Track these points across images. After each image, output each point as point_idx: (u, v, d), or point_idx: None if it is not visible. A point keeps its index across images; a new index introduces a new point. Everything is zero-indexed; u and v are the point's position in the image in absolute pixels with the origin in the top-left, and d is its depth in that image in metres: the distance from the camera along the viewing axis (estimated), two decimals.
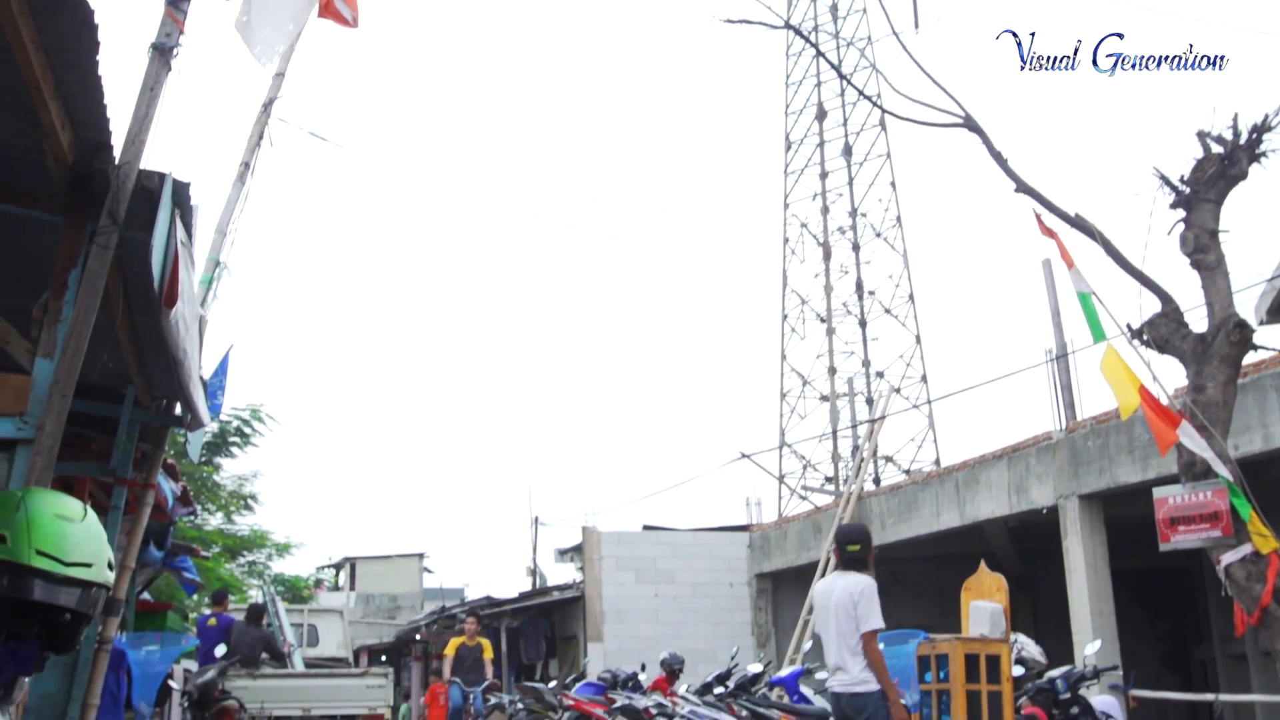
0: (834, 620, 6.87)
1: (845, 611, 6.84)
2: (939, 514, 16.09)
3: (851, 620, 6.79)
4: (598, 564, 21.33)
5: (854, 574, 7.04)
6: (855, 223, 39.63)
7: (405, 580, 44.28)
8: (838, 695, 6.84)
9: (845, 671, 6.80)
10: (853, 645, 6.74)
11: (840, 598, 6.89)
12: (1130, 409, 8.81)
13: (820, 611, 7.04)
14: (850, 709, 6.73)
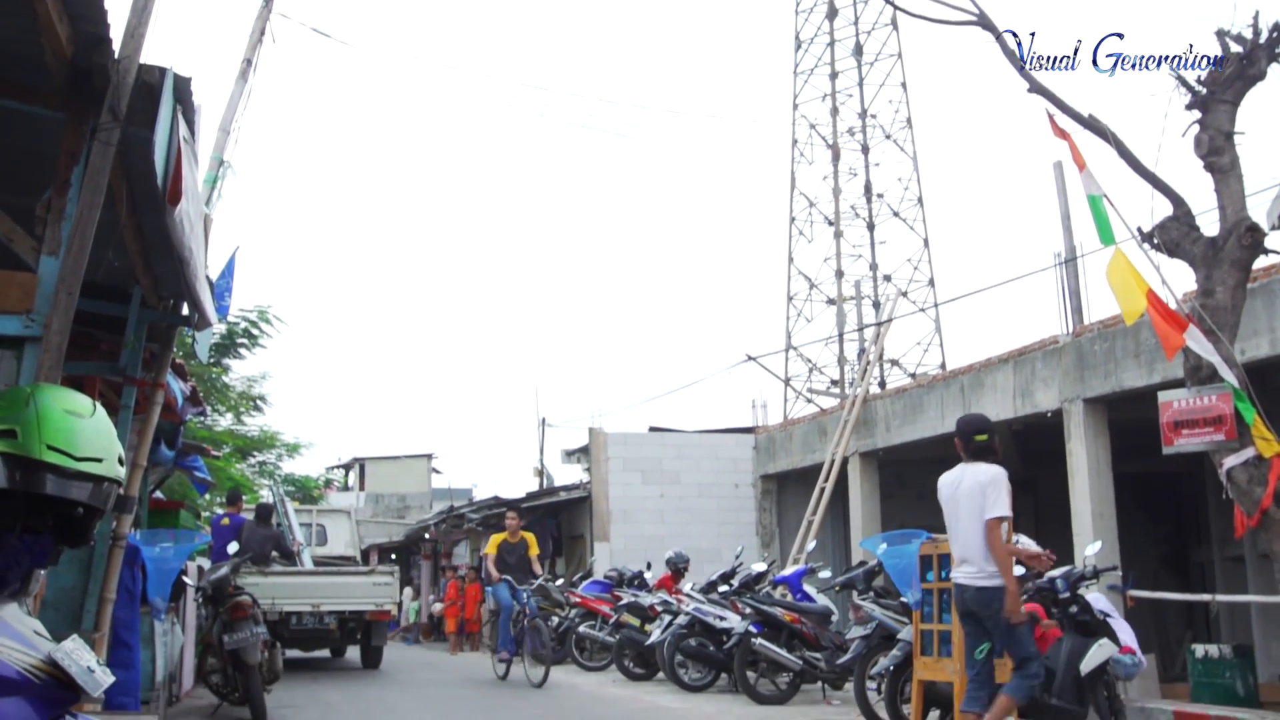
0: (964, 513, 6.71)
1: (974, 501, 6.68)
2: (944, 417, 16.16)
3: (981, 511, 6.64)
4: (604, 465, 21.52)
5: (982, 464, 6.85)
6: (865, 124, 39.18)
7: (414, 480, 44.78)
8: (962, 587, 6.74)
9: (970, 564, 6.68)
10: (983, 537, 6.60)
11: (969, 487, 6.72)
12: (1134, 315, 8.78)
13: (948, 504, 6.88)
14: (976, 603, 6.65)
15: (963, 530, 6.71)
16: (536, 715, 10.77)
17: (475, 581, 24.46)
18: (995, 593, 6.56)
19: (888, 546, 8.64)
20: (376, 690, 13.70)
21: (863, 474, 18.35)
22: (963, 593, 6.71)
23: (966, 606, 6.73)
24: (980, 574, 6.58)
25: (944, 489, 6.96)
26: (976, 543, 6.61)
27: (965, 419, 7.28)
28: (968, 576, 6.66)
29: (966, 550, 6.68)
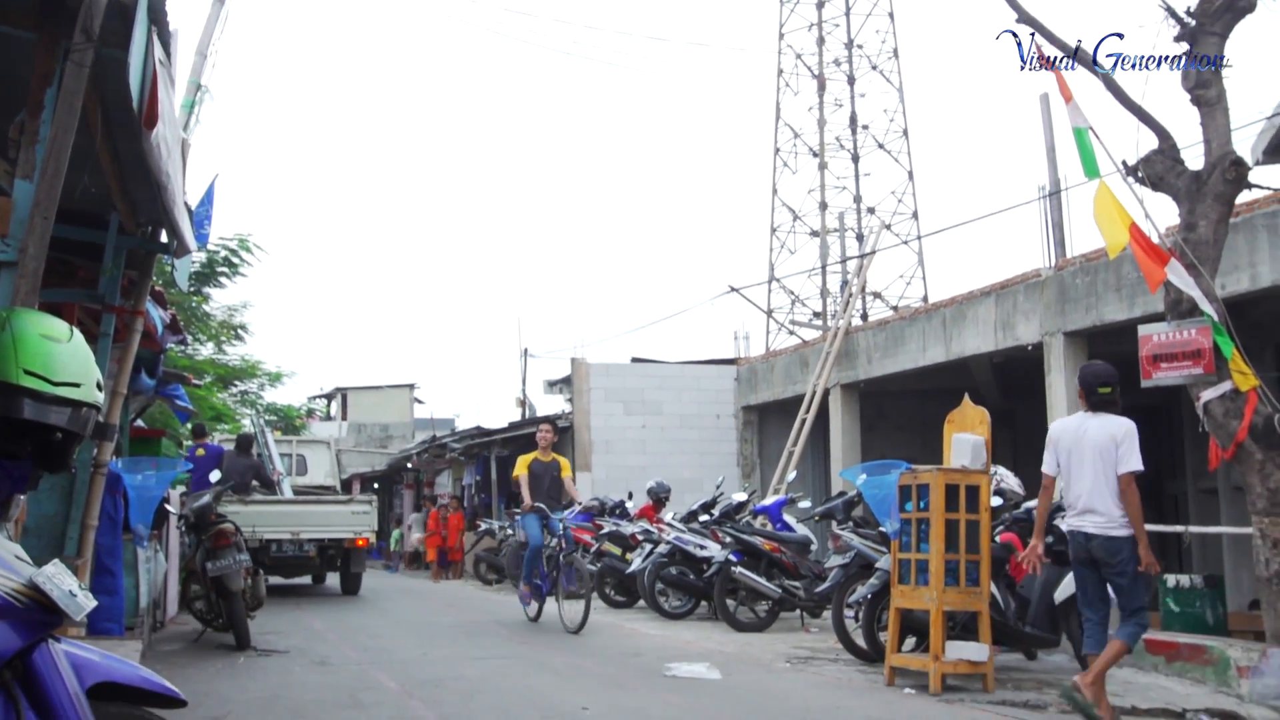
0: (1090, 462, 6.73)
1: (1104, 454, 6.70)
2: (925, 349, 16.22)
3: (1111, 463, 6.67)
4: (586, 395, 21.56)
5: (1110, 415, 6.86)
6: (851, 54, 38.82)
7: (396, 410, 44.82)
8: (1088, 536, 6.76)
9: (1097, 514, 6.70)
10: (1113, 487, 6.65)
11: (1099, 439, 6.73)
12: (1118, 248, 8.78)
13: (1070, 453, 6.88)
14: (1103, 551, 6.68)
15: (1089, 480, 6.74)
16: (517, 641, 10.89)
17: (457, 511, 24.60)
18: (1124, 542, 6.64)
19: (867, 477, 8.69)
20: (359, 617, 13.82)
21: (844, 405, 18.44)
22: (1088, 541, 6.75)
23: (1090, 554, 6.78)
24: (1111, 523, 6.65)
25: (1063, 437, 6.97)
26: (1107, 493, 6.67)
27: (1091, 369, 7.19)
28: (1096, 526, 6.70)
29: (1093, 500, 6.71)
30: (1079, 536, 6.81)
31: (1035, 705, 7.21)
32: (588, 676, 8.48)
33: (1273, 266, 10.58)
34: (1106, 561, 6.71)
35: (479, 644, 10.76)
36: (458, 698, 7.38)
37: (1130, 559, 6.64)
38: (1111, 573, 6.74)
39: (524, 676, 8.42)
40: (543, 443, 12.32)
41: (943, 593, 7.66)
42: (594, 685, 8.03)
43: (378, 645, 10.56)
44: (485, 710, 6.92)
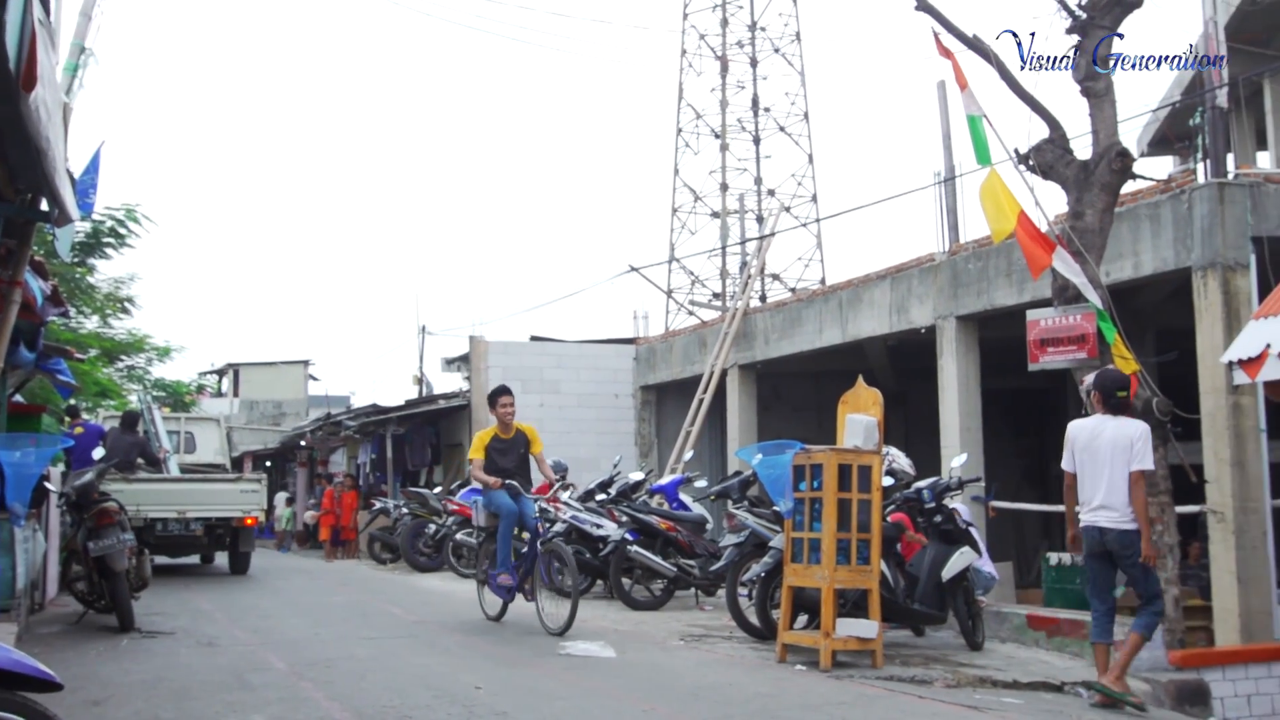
0: (1107, 461, 7.05)
1: (1122, 453, 7.03)
2: (822, 331, 16.42)
3: (1127, 462, 7.02)
4: (484, 373, 21.41)
5: (1125, 418, 7.21)
6: (754, 37, 39.01)
7: (290, 387, 44.01)
8: (1102, 530, 7.08)
9: (1112, 509, 7.04)
10: (1127, 485, 7.00)
11: (1117, 439, 7.06)
12: (1003, 234, 8.99)
13: (1086, 452, 7.19)
14: (1117, 544, 7.01)
15: (1106, 478, 7.06)
16: (412, 620, 10.79)
17: (352, 489, 24.27)
18: (1136, 535, 7.00)
19: (762, 457, 8.78)
20: (250, 597, 13.56)
21: (741, 386, 18.59)
22: (1102, 535, 7.07)
23: (1104, 547, 7.10)
24: (1124, 518, 6.99)
25: (1079, 436, 7.28)
26: (1122, 490, 7.00)
27: (1109, 375, 7.53)
28: (1110, 520, 7.04)
29: (1110, 497, 7.04)
30: (1093, 531, 7.15)
31: (922, 680, 7.37)
32: (482, 656, 8.44)
33: (1155, 255, 10.92)
34: (1121, 554, 7.06)
35: (372, 623, 10.64)
36: (349, 678, 7.29)
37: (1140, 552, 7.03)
38: (1126, 564, 7.08)
39: (417, 656, 8.34)
40: (502, 415, 10.19)
41: (834, 571, 7.78)
42: (488, 664, 8.00)
43: (267, 626, 10.38)
44: (377, 690, 6.84)
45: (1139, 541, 7.01)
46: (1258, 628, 9.77)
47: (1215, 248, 10.24)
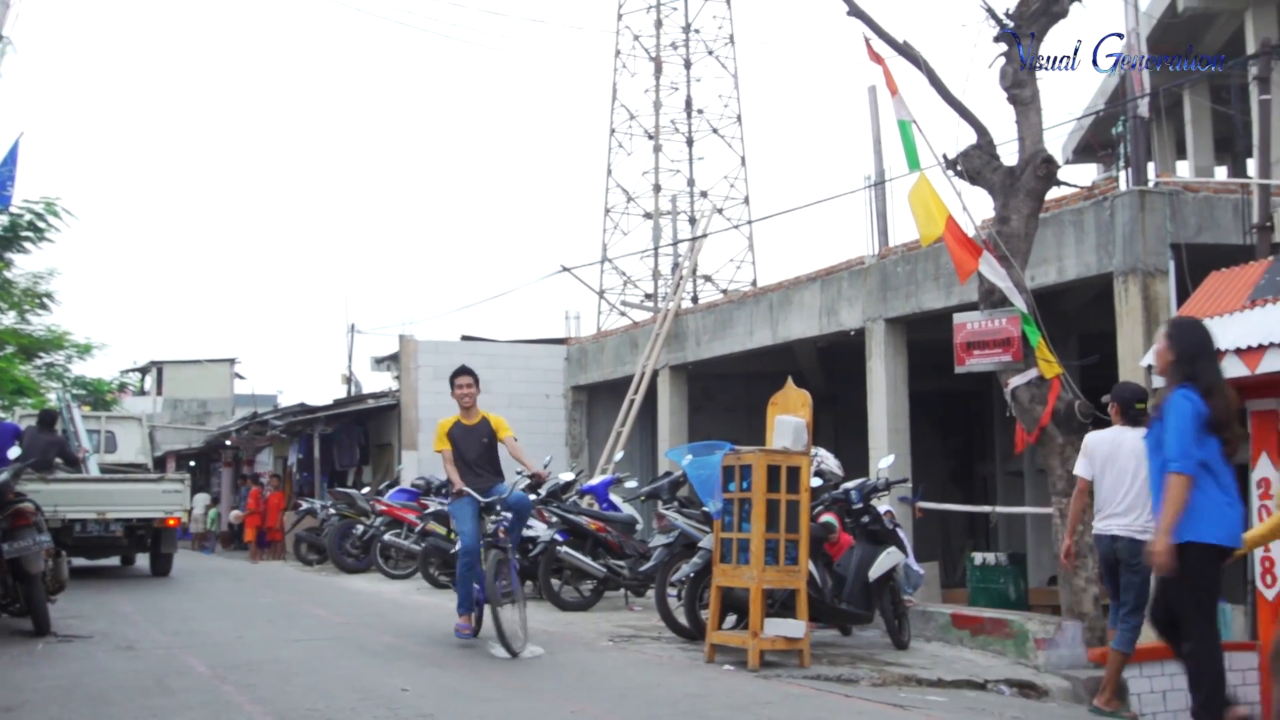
0: (1131, 471, 7.03)
1: (1141, 463, 6.87)
2: (752, 332, 16.51)
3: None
4: (414, 373, 21.24)
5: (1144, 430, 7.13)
6: (688, 38, 39.15)
7: (215, 386, 43.30)
8: (1114, 537, 7.09)
9: (1127, 518, 7.06)
10: (1143, 495, 6.90)
11: (1139, 449, 6.87)
12: (931, 238, 9.11)
13: (1107, 462, 7.20)
14: (1126, 552, 7.02)
15: (1127, 487, 7.08)
16: (338, 623, 10.66)
17: (278, 489, 23.94)
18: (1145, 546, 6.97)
19: (692, 457, 8.79)
20: (172, 599, 13.30)
21: (672, 387, 18.63)
22: (1114, 542, 7.10)
23: (1115, 555, 7.13)
24: (1141, 529, 6.94)
25: (1099, 447, 7.31)
26: (1136, 499, 7.01)
27: (1128, 388, 7.61)
28: (1123, 528, 7.06)
29: (1135, 505, 7.04)
30: (1105, 539, 7.21)
31: (848, 679, 7.43)
32: (409, 657, 8.35)
33: (1078, 260, 11.12)
34: (1128, 562, 7.06)
35: (298, 625, 10.49)
36: (273, 681, 7.17)
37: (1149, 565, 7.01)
38: (1129, 570, 7.08)
39: (343, 658, 8.24)
40: (464, 400, 9.01)
41: (763, 571, 7.81)
42: (415, 666, 7.92)
43: (189, 628, 10.18)
44: (301, 693, 6.74)
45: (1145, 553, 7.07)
46: None
47: (1136, 254, 10.46)
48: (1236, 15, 18.91)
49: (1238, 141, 16.42)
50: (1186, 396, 5.54)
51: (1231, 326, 8.40)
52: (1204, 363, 5.69)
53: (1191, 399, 5.52)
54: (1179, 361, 5.70)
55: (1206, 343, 5.78)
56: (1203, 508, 5.47)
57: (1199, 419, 5.48)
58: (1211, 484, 5.51)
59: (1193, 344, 5.74)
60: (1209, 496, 5.49)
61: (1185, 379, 5.63)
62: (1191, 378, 5.62)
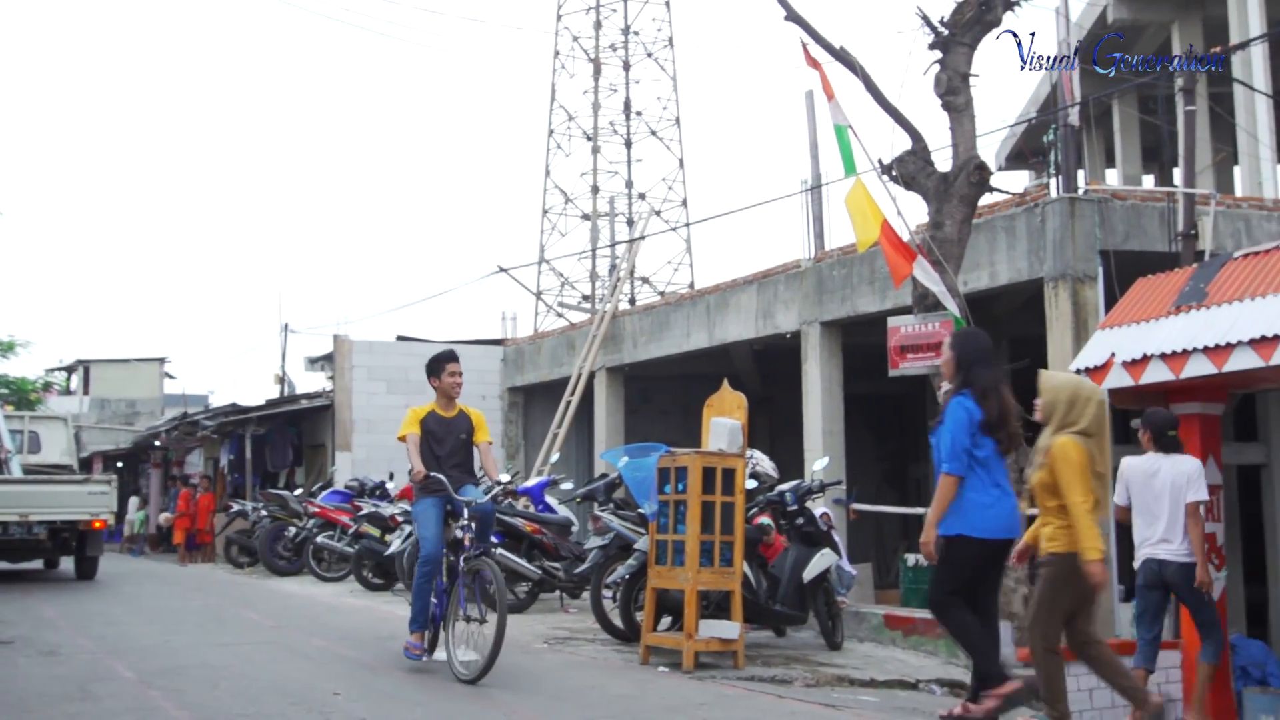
0: (1168, 497, 7.23)
1: (1179, 490, 7.22)
2: (689, 335, 16.54)
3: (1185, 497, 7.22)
4: (348, 373, 21.03)
5: (1180, 455, 7.42)
6: (627, 40, 39.19)
7: (144, 385, 42.50)
8: (1161, 563, 7.24)
9: (1171, 543, 7.22)
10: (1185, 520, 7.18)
11: (1174, 476, 7.26)
12: (867, 243, 9.19)
13: (1143, 489, 7.36)
14: (1176, 576, 7.19)
15: (1166, 513, 7.25)
16: (268, 626, 10.51)
17: (208, 491, 23.57)
18: (1194, 568, 7.20)
19: (628, 459, 8.80)
20: (97, 603, 13.03)
21: (609, 388, 18.62)
22: (1161, 567, 7.24)
23: (1162, 579, 7.28)
24: (1183, 552, 7.17)
25: (1135, 475, 7.46)
26: (1182, 524, 7.19)
27: (1160, 415, 7.73)
28: (1169, 553, 7.21)
29: (1170, 531, 7.23)
30: (1152, 564, 7.34)
31: (782, 680, 7.47)
32: (341, 661, 8.27)
33: (1010, 265, 11.28)
34: (1179, 585, 7.25)
35: (227, 629, 10.33)
36: (201, 686, 7.05)
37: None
38: (1184, 594, 7.30)
39: (274, 662, 8.13)
40: (451, 389, 8.04)
41: (698, 573, 7.83)
42: (347, 670, 7.84)
43: (115, 633, 9.98)
44: (230, 698, 6.63)
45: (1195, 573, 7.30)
46: (1101, 625, 10.14)
47: (1066, 260, 10.63)
48: (1164, 27, 19.37)
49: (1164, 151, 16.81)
50: (962, 403, 5.96)
51: (1157, 332, 8.56)
52: (980, 369, 6.07)
53: (966, 405, 5.94)
54: (959, 368, 6.12)
55: (984, 351, 6.18)
56: (975, 505, 5.88)
57: (972, 423, 5.89)
58: (985, 481, 5.91)
59: (971, 352, 6.14)
60: (980, 495, 5.89)
61: (963, 385, 6.04)
62: (968, 383, 6.03)
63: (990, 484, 5.91)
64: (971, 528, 5.86)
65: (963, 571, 5.94)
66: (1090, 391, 6.26)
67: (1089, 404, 6.08)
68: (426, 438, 7.81)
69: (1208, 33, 18.91)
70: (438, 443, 7.83)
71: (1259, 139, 15.84)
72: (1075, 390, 6.18)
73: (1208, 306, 8.36)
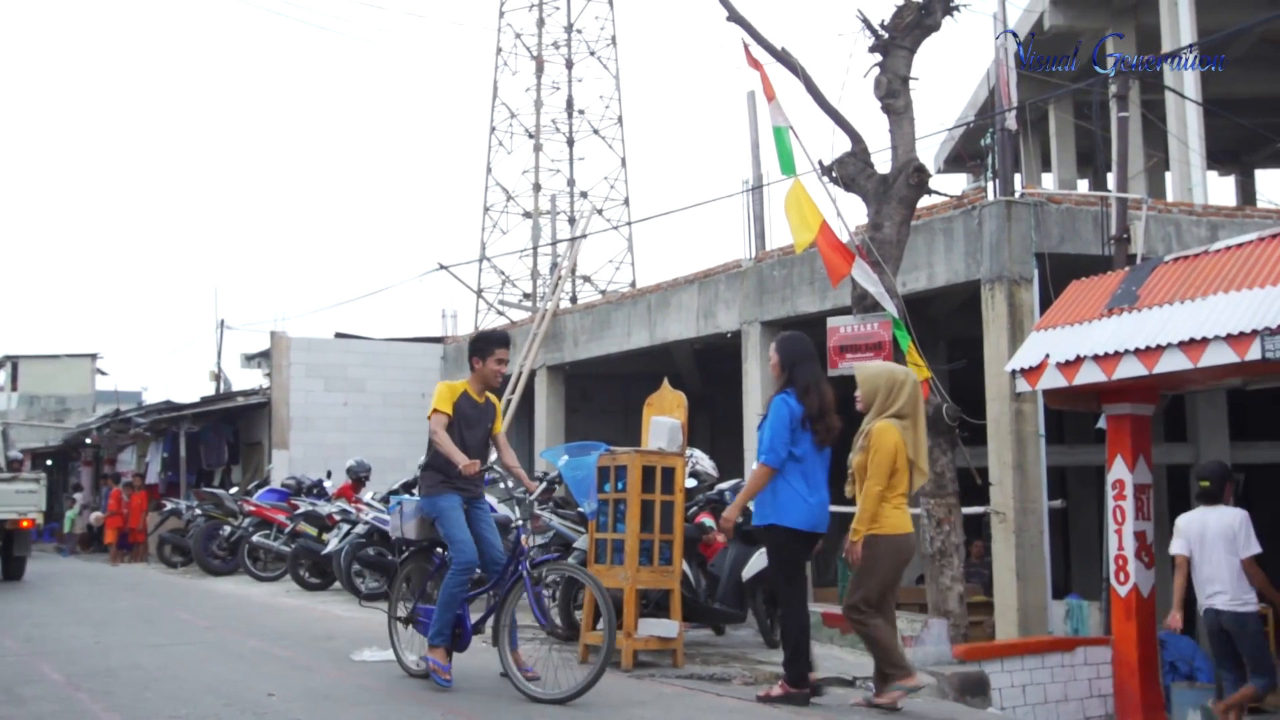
0: (1220, 550, 7.63)
1: (1229, 542, 7.61)
2: (630, 334, 16.55)
3: (1234, 550, 7.58)
4: (286, 370, 20.80)
5: (1223, 508, 7.79)
6: (570, 39, 39.13)
7: (75, 382, 41.65)
8: (1218, 611, 7.64)
9: (1225, 593, 7.61)
10: (1235, 570, 7.56)
11: (1221, 529, 7.65)
12: (804, 244, 9.24)
13: (1198, 542, 7.74)
14: (1232, 624, 7.60)
15: (1218, 565, 7.66)
16: (201, 626, 10.35)
17: (141, 489, 23.20)
18: (1249, 618, 7.67)
19: (568, 458, 8.77)
20: (24, 604, 12.77)
21: (549, 387, 18.58)
22: (1219, 616, 7.68)
23: (1221, 626, 7.71)
24: (1236, 601, 7.60)
25: (1189, 528, 7.86)
26: (1232, 575, 7.60)
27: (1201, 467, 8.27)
28: (1224, 603, 7.64)
29: (1224, 583, 7.65)
30: (1211, 613, 7.75)
31: (720, 678, 7.48)
32: (276, 662, 8.16)
33: (948, 267, 11.41)
34: (1236, 633, 7.64)
35: (159, 630, 10.16)
36: (131, 688, 6.92)
37: (1256, 634, 7.73)
38: (1240, 642, 7.67)
39: (208, 663, 8.00)
40: (493, 378, 7.42)
41: (637, 572, 7.83)
42: (282, 670, 7.74)
43: (42, 634, 9.78)
44: (162, 700, 6.52)
45: (1252, 623, 7.66)
46: (1034, 622, 10.33)
47: (1002, 262, 10.78)
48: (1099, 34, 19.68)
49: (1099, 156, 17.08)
50: (785, 400, 6.43)
51: (1090, 334, 8.71)
52: (801, 369, 6.53)
53: (788, 402, 6.42)
54: (782, 368, 6.59)
55: (805, 352, 6.62)
56: (788, 497, 6.38)
57: (793, 418, 6.38)
58: (798, 477, 6.40)
59: (793, 353, 6.60)
60: (794, 488, 6.38)
61: (786, 383, 6.52)
62: (791, 381, 6.51)
63: (803, 480, 6.38)
64: (781, 517, 6.35)
65: (792, 560, 6.48)
66: (904, 376, 6.74)
67: (904, 387, 6.60)
68: (458, 421, 7.06)
69: (1141, 39, 19.28)
70: (469, 428, 7.12)
71: (1189, 145, 16.16)
72: (890, 376, 6.70)
73: (1139, 309, 8.52)
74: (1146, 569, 9.03)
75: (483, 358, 7.29)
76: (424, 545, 7.46)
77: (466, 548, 6.87)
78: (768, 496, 6.38)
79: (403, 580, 7.61)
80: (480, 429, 7.22)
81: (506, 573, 6.89)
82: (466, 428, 7.08)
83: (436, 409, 7.03)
